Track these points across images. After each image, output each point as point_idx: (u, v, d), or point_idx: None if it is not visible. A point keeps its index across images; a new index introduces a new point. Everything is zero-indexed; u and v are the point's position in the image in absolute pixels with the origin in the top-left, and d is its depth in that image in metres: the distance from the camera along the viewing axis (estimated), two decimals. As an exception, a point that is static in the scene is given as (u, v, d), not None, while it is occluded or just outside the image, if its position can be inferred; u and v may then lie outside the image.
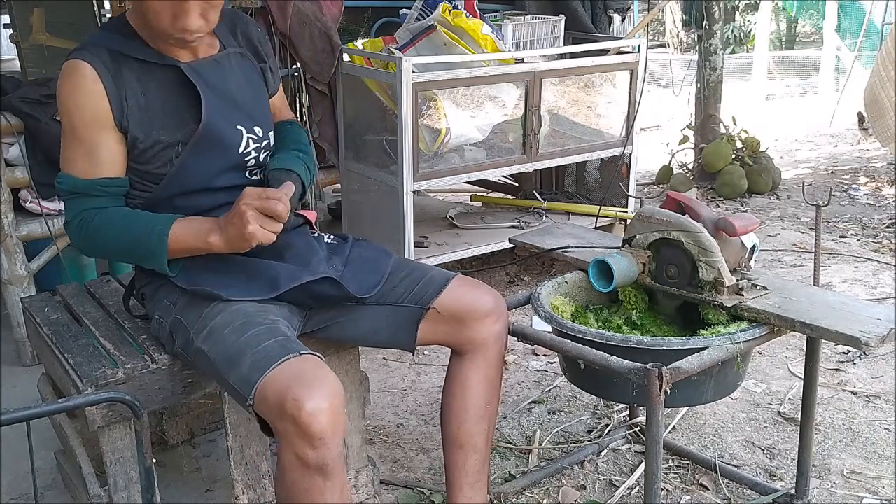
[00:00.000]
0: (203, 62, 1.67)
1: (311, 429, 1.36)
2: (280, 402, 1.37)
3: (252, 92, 1.75)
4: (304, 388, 1.37)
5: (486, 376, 1.79)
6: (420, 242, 3.40)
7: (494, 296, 1.80)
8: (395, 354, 2.90)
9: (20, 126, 2.80)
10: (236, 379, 1.46)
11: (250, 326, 1.53)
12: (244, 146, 1.70)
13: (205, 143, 1.64)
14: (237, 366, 1.46)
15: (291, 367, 1.42)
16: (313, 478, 1.41)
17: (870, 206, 4.81)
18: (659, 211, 1.84)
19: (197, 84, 1.63)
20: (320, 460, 1.39)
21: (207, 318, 1.58)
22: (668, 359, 1.60)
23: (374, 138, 3.32)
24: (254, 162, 1.73)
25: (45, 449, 2.24)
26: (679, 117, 7.01)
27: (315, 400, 1.36)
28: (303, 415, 1.35)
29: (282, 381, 1.39)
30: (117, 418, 1.62)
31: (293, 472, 1.41)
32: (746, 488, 2.12)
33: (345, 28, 3.68)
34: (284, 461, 1.42)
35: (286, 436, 1.39)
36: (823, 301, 1.75)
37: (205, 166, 1.66)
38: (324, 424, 1.36)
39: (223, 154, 1.67)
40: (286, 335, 1.53)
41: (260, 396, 1.41)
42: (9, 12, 4.49)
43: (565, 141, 3.53)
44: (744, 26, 12.69)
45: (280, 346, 1.48)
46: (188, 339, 1.60)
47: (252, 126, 1.72)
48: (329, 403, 1.37)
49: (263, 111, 1.78)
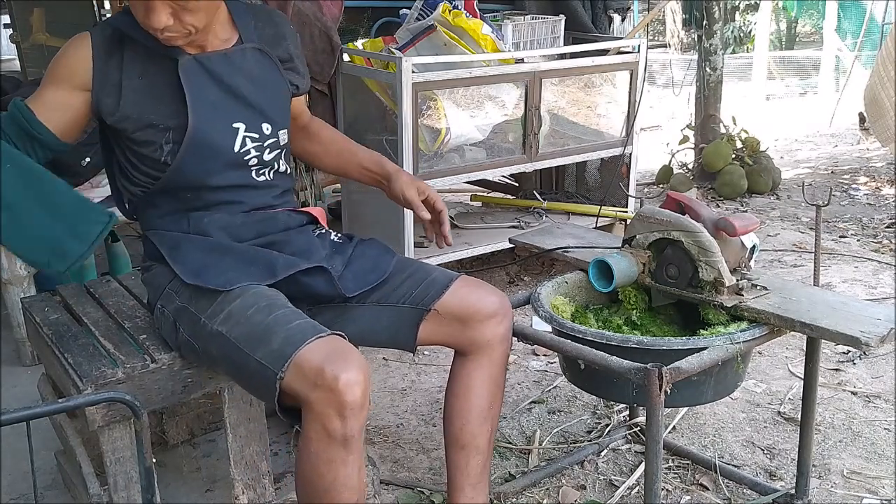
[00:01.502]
0: (210, 55, 1.68)
1: (345, 398, 1.40)
2: (318, 372, 1.41)
3: (265, 88, 1.74)
4: (340, 361, 1.42)
5: (491, 377, 1.79)
6: (420, 242, 3.40)
7: (499, 296, 1.79)
8: (395, 354, 2.90)
9: (20, 126, 2.79)
10: (265, 354, 1.47)
11: (276, 308, 1.56)
12: (240, 145, 1.69)
13: (192, 141, 1.64)
14: (266, 342, 1.49)
15: (326, 342, 1.47)
16: (337, 449, 1.44)
17: (870, 206, 4.81)
18: (659, 211, 1.84)
19: (186, 83, 1.63)
20: (346, 431, 1.42)
21: (224, 303, 1.59)
22: (668, 359, 1.60)
23: (374, 138, 3.32)
24: (256, 161, 1.72)
25: (45, 449, 2.24)
26: (679, 117, 7.02)
27: (352, 372, 1.41)
28: (340, 384, 1.39)
29: (318, 353, 1.44)
30: (117, 418, 1.62)
31: (318, 444, 1.45)
32: (746, 488, 2.12)
33: (345, 28, 3.68)
34: (310, 433, 1.45)
35: (317, 406, 1.42)
36: (823, 301, 1.75)
37: (198, 164, 1.66)
38: (357, 395, 1.41)
39: (216, 153, 1.67)
40: (310, 319, 1.56)
41: (294, 369, 1.43)
42: (9, 12, 4.50)
43: (565, 141, 3.53)
44: (744, 26, 12.70)
45: (310, 325, 1.52)
46: (198, 324, 1.60)
47: (259, 123, 1.72)
48: (363, 377, 1.43)
49: (277, 108, 1.76)
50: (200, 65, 1.66)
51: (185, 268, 1.66)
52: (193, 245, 1.69)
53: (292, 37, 1.83)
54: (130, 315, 1.90)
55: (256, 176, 1.74)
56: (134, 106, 1.63)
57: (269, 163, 1.75)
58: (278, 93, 1.78)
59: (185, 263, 1.67)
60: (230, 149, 1.68)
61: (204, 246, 1.69)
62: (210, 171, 1.68)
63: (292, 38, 1.83)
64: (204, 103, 1.65)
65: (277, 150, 1.77)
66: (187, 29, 1.57)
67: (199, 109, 1.64)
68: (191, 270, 1.65)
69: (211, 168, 1.67)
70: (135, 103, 1.63)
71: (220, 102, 1.68)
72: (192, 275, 1.65)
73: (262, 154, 1.73)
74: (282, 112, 1.78)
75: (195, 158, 1.65)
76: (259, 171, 1.75)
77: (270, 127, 1.74)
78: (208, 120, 1.65)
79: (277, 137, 1.76)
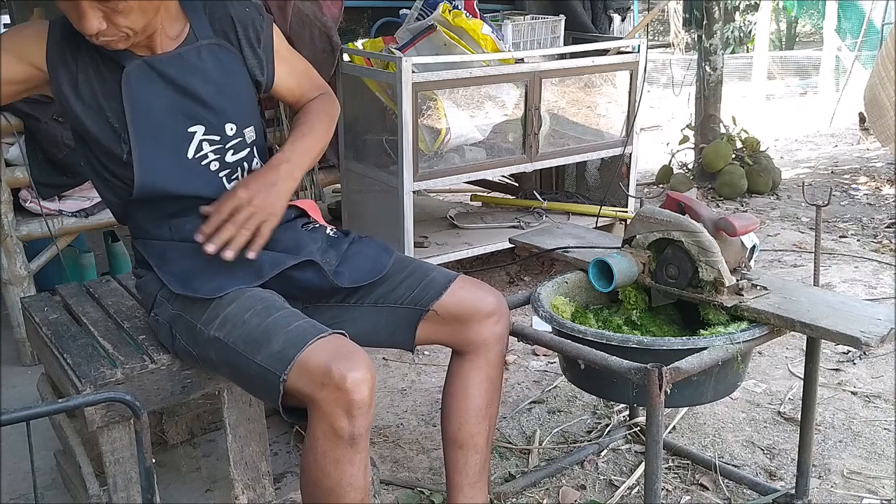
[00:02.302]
0: (161, 57, 1.61)
1: (353, 396, 1.39)
2: (325, 372, 1.40)
3: (224, 86, 1.66)
4: (346, 360, 1.41)
5: (488, 376, 1.79)
6: (420, 242, 3.40)
7: (496, 296, 1.79)
8: (395, 354, 2.90)
9: (20, 126, 2.80)
10: (266, 357, 1.47)
11: (274, 310, 1.54)
12: (195, 150, 1.63)
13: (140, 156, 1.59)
14: (266, 345, 1.48)
15: (330, 341, 1.46)
16: (344, 449, 1.44)
17: (870, 206, 4.81)
18: (659, 211, 1.84)
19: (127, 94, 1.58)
20: (353, 430, 1.42)
21: (218, 309, 1.57)
22: (668, 359, 1.59)
23: (374, 138, 3.32)
24: (218, 165, 1.66)
25: (45, 449, 2.24)
26: (679, 117, 7.02)
27: (359, 371, 1.41)
28: (347, 383, 1.39)
29: (323, 353, 1.43)
30: (117, 418, 1.62)
31: (325, 443, 1.44)
32: (746, 488, 2.12)
33: (345, 28, 3.68)
34: (317, 433, 1.44)
35: (325, 406, 1.41)
36: (823, 301, 1.75)
37: (156, 174, 1.61)
38: (365, 394, 1.41)
39: (173, 160, 1.62)
40: (310, 318, 1.55)
41: (299, 370, 1.42)
42: (9, 12, 4.49)
43: (565, 141, 3.53)
44: (744, 26, 12.69)
45: (311, 325, 1.51)
46: (194, 331, 1.59)
47: (221, 124, 1.65)
48: (370, 375, 1.42)
49: (241, 104, 1.69)
50: (151, 68, 1.60)
51: (172, 278, 1.64)
52: (178, 253, 1.66)
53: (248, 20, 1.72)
54: (130, 315, 1.90)
55: (228, 182, 1.68)
56: (91, 101, 1.58)
57: (236, 164, 1.69)
58: (241, 88, 1.70)
59: (172, 273, 1.65)
60: (184, 156, 1.63)
61: (188, 252, 1.65)
62: (172, 179, 1.62)
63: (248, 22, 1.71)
64: (149, 111, 1.59)
65: (245, 150, 1.70)
66: (123, 32, 1.50)
67: (140, 119, 1.59)
68: (178, 280, 1.63)
69: (171, 176, 1.62)
70: (92, 98, 1.58)
71: (173, 108, 1.61)
72: (179, 285, 1.63)
73: (223, 157, 1.67)
74: (247, 108, 1.71)
75: (148, 170, 1.60)
76: (231, 176, 1.69)
77: (235, 126, 1.67)
78: (153, 129, 1.60)
79: (243, 136, 1.69)
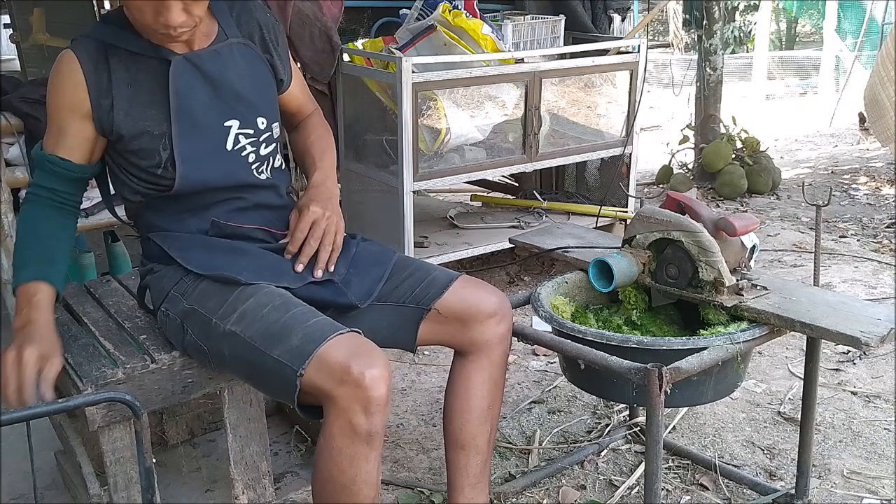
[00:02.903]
0: (200, 53, 1.66)
1: (373, 392, 1.40)
2: (344, 368, 1.41)
3: (255, 82, 1.74)
4: (365, 357, 1.43)
5: (490, 377, 1.79)
6: (420, 242, 3.40)
7: (499, 296, 1.78)
8: (396, 354, 2.89)
9: (20, 126, 2.80)
10: (284, 352, 1.47)
11: (292, 306, 1.55)
12: (232, 143, 1.69)
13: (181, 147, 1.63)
14: (285, 340, 1.48)
15: (348, 339, 1.47)
16: (360, 446, 1.44)
17: (870, 206, 4.81)
18: (659, 211, 1.84)
19: (173, 87, 1.62)
20: (371, 427, 1.42)
21: (237, 303, 1.58)
22: (668, 359, 1.59)
23: (374, 138, 3.32)
24: (254, 157, 1.72)
25: (45, 449, 2.24)
26: (679, 117, 7.02)
27: (378, 368, 1.42)
28: (366, 380, 1.40)
29: (342, 350, 1.44)
30: (117, 418, 1.62)
31: (341, 440, 1.44)
32: (746, 488, 2.12)
33: (345, 28, 3.68)
34: (333, 429, 1.44)
35: (343, 402, 1.42)
36: (823, 301, 1.75)
37: (195, 168, 1.65)
38: (383, 391, 1.41)
39: (208, 154, 1.66)
40: (327, 316, 1.56)
41: (317, 365, 1.43)
42: (9, 12, 4.49)
43: (565, 141, 3.54)
44: (744, 26, 12.70)
45: (329, 322, 1.52)
46: (209, 325, 1.59)
47: (254, 118, 1.71)
48: (388, 373, 1.44)
49: (268, 101, 1.77)
50: (192, 64, 1.65)
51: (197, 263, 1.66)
52: (204, 244, 1.69)
53: (269, 24, 1.80)
54: (130, 315, 1.90)
55: (258, 174, 1.74)
56: (126, 116, 1.62)
57: (267, 157, 1.75)
58: (267, 86, 1.77)
59: (197, 260, 1.66)
60: (222, 148, 1.67)
61: (214, 245, 1.69)
62: (208, 172, 1.67)
63: (270, 26, 1.80)
64: (192, 106, 1.64)
65: (273, 144, 1.76)
66: (194, 20, 1.56)
67: (184, 114, 1.63)
68: (203, 264, 1.65)
69: (208, 169, 1.67)
70: (127, 113, 1.62)
71: (212, 102, 1.67)
72: (204, 267, 1.65)
73: (258, 149, 1.73)
74: (272, 106, 1.78)
75: (190, 164, 1.64)
76: (259, 169, 1.74)
77: (265, 121, 1.74)
78: (195, 123, 1.64)
79: (272, 131, 1.76)
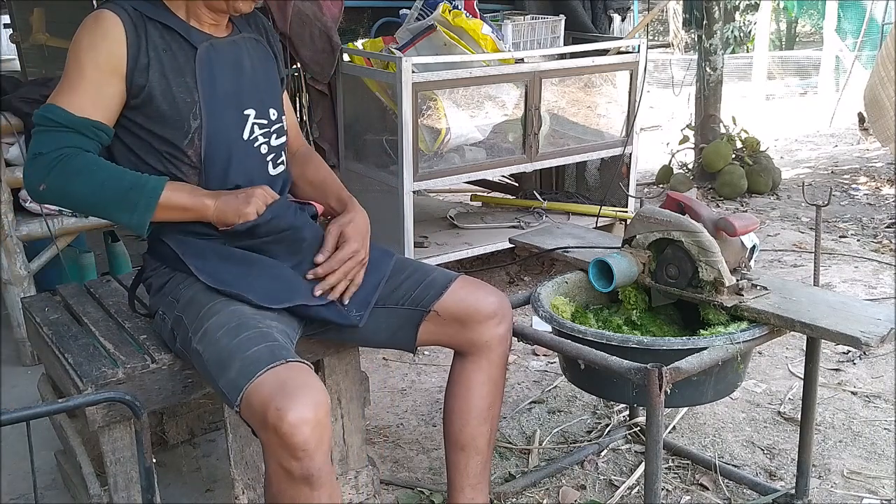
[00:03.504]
0: (222, 42, 1.70)
1: (293, 440, 1.33)
2: (263, 412, 1.34)
3: (267, 75, 1.78)
4: (287, 399, 1.33)
5: (490, 378, 1.78)
6: (420, 242, 3.40)
7: (499, 297, 1.78)
8: (395, 354, 2.90)
9: (20, 126, 2.80)
10: (225, 383, 1.44)
11: (243, 329, 1.50)
12: (248, 132, 1.70)
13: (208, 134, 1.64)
14: (227, 370, 1.44)
15: (277, 374, 1.39)
16: (300, 488, 1.38)
17: (870, 206, 4.81)
18: (659, 211, 1.84)
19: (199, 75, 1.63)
20: (305, 471, 1.36)
21: (204, 318, 1.56)
22: (668, 359, 1.59)
23: (374, 138, 3.32)
24: (266, 149, 1.73)
25: (45, 449, 2.24)
26: (679, 117, 7.02)
27: (298, 410, 1.32)
28: (284, 425, 1.32)
29: (266, 389, 1.36)
30: (117, 418, 1.62)
31: (279, 482, 1.39)
32: (746, 488, 2.12)
33: (345, 28, 3.68)
34: (270, 470, 1.40)
35: (269, 446, 1.37)
36: (823, 301, 1.75)
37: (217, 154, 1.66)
38: (307, 435, 1.33)
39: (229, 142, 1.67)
40: (277, 341, 1.49)
41: (246, 403, 1.39)
42: (9, 12, 4.50)
43: (565, 141, 3.53)
44: (744, 26, 12.69)
45: (269, 351, 1.44)
46: (187, 338, 1.59)
47: (267, 108, 1.74)
48: (313, 414, 1.34)
49: (278, 95, 1.81)
50: (216, 51, 1.68)
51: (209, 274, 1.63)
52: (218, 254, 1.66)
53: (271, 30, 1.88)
54: (131, 315, 1.90)
55: (273, 169, 1.75)
56: (162, 78, 1.61)
57: (278, 150, 1.76)
58: (276, 81, 1.82)
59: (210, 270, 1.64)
60: (240, 138, 1.69)
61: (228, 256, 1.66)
62: (229, 161, 1.67)
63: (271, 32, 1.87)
64: (217, 94, 1.66)
65: (283, 137, 1.79)
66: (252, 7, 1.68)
67: (209, 101, 1.65)
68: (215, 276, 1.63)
69: (229, 158, 1.67)
70: (163, 75, 1.61)
71: (234, 90, 1.69)
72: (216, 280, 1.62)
73: (269, 140, 1.74)
74: (280, 98, 1.82)
75: (215, 150, 1.65)
76: (277, 161, 1.76)
77: (276, 112, 1.76)
78: (220, 106, 1.66)
79: (282, 122, 1.78)
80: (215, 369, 1.47)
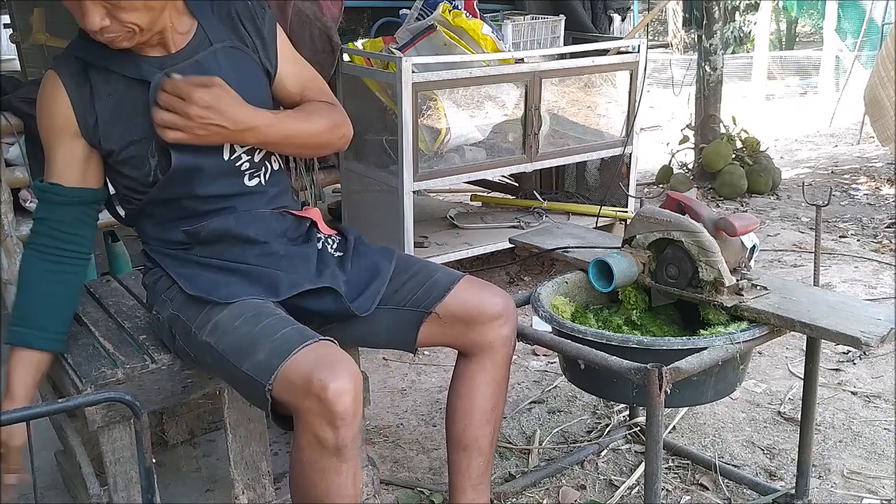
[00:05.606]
0: (183, 66, 1.59)
1: (335, 407, 1.37)
2: (306, 382, 1.39)
3: (246, 88, 1.63)
4: (328, 370, 1.39)
5: (493, 379, 1.78)
6: (420, 242, 3.41)
7: (503, 297, 1.76)
8: (396, 354, 2.90)
9: (20, 126, 2.80)
10: (252, 366, 1.46)
11: (263, 317, 1.53)
12: (229, 152, 1.64)
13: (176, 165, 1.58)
14: (252, 354, 1.47)
15: (314, 350, 1.44)
16: (330, 459, 1.42)
17: (870, 206, 4.81)
18: (659, 211, 1.84)
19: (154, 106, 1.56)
20: (339, 441, 1.41)
21: (212, 314, 1.57)
22: (668, 359, 1.59)
23: (374, 138, 3.32)
24: (248, 165, 1.67)
25: (45, 449, 2.24)
26: (679, 117, 7.02)
27: (340, 380, 1.38)
28: (328, 394, 1.37)
29: (306, 363, 1.41)
30: (117, 418, 1.62)
31: (311, 453, 1.43)
32: (746, 488, 2.12)
33: (345, 28, 3.68)
34: (302, 442, 1.43)
35: (308, 416, 1.40)
36: (823, 301, 1.75)
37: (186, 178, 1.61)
38: (347, 404, 1.38)
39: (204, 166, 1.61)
40: (299, 324, 1.54)
41: (282, 380, 1.42)
42: (9, 12, 4.50)
43: (565, 141, 3.54)
44: (744, 26, 12.70)
45: (297, 332, 1.49)
46: (189, 334, 1.59)
47: None
48: (353, 384, 1.40)
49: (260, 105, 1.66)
50: None
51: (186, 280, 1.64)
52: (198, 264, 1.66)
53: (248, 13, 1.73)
54: (130, 315, 1.90)
55: (249, 181, 1.69)
56: (113, 129, 1.58)
57: (260, 163, 1.70)
58: (259, 88, 1.70)
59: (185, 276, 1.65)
60: (220, 158, 1.63)
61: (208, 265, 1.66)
62: (197, 181, 1.63)
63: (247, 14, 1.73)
64: None
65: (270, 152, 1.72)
66: (128, 27, 1.49)
67: None
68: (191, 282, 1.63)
69: (198, 179, 1.63)
70: (113, 126, 1.58)
71: None
72: (192, 286, 1.63)
73: (252, 156, 1.68)
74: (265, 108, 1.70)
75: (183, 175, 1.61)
76: (252, 175, 1.69)
77: None
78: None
79: None
80: (235, 356, 1.49)
